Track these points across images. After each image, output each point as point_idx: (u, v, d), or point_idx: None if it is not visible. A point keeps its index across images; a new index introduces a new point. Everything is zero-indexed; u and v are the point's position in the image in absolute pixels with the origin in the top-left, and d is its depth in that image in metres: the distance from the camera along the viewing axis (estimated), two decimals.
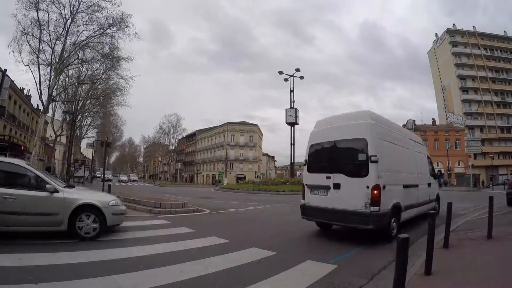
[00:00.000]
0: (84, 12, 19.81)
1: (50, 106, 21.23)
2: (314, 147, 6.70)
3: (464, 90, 56.96)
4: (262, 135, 72.79)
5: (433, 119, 58.97)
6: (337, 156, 6.11)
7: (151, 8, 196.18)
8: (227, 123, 64.65)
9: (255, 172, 57.18)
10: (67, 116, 32.67)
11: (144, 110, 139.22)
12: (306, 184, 6.72)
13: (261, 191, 25.03)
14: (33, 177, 5.43)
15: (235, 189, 29.90)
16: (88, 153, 64.02)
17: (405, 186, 6.60)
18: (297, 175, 48.37)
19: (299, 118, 32.72)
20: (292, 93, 32.34)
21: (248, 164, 62.70)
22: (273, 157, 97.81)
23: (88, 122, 42.00)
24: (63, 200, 5.36)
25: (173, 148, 78.31)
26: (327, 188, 6.05)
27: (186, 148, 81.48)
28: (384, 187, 5.51)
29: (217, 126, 67.75)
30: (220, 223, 8.47)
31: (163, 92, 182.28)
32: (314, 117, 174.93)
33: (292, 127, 32.08)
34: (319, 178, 6.26)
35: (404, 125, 53.20)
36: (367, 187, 5.42)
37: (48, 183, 5.37)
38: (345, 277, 3.76)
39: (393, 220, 5.83)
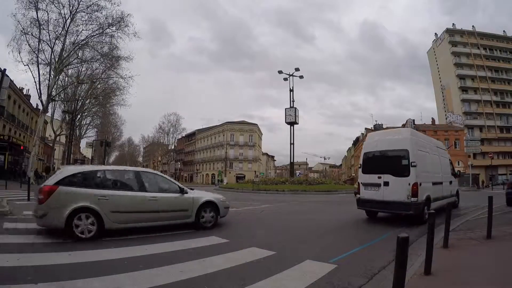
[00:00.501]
0: (84, 12, 19.82)
1: (50, 105, 21.22)
2: (367, 155, 8.63)
3: (464, 89, 56.96)
4: (262, 134, 72.82)
5: (432, 118, 58.97)
6: (386, 161, 8.10)
7: (150, 7, 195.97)
8: (226, 122, 64.63)
9: (255, 171, 57.21)
10: (67, 116, 32.67)
11: (144, 109, 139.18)
12: (361, 183, 8.63)
13: (260, 191, 25.03)
14: (168, 182, 6.84)
15: (235, 188, 29.90)
16: (87, 152, 64.04)
17: (434, 183, 8.54)
18: (297, 174, 48.33)
19: (298, 117, 32.72)
20: (291, 92, 32.35)
21: (248, 164, 62.72)
22: (272, 157, 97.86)
23: (88, 122, 42.02)
24: (192, 199, 6.83)
25: (173, 147, 78.33)
26: (378, 185, 8.01)
27: (186, 147, 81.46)
28: (420, 184, 7.47)
29: (216, 126, 67.73)
30: (219, 222, 8.45)
31: (162, 91, 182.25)
32: (314, 116, 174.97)
33: (292, 127, 32.08)
34: (372, 178, 8.23)
35: (403, 125, 53.27)
36: (409, 184, 7.41)
37: (180, 186, 6.82)
38: (345, 276, 3.76)
39: (425, 208, 7.62)
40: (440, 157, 9.69)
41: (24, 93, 33.77)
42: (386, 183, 7.79)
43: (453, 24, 60.77)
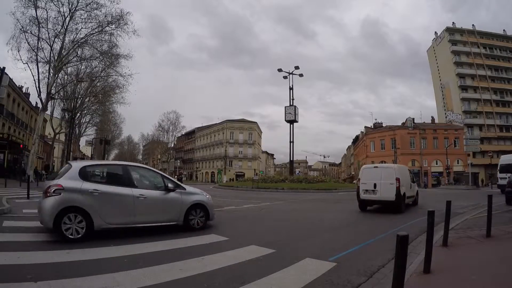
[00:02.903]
0: (83, 10, 19.78)
1: (49, 104, 21.22)
2: (502, 166, 21.51)
3: (463, 88, 56.93)
4: (261, 132, 72.83)
5: (432, 117, 58.89)
6: (510, 168, 20.24)
7: (149, 3, 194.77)
8: (226, 120, 64.61)
9: (254, 169, 57.25)
10: (66, 114, 32.61)
11: (143, 107, 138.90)
12: (499, 177, 21.84)
13: (260, 189, 25.06)
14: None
15: (234, 186, 29.92)
16: (87, 150, 63.90)
17: None
18: (296, 172, 48.33)
19: (298, 115, 32.69)
20: (291, 90, 32.31)
21: (247, 162, 62.74)
22: (272, 155, 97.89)
23: (87, 120, 41.97)
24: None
25: (172, 145, 78.26)
26: (506, 177, 17.48)
27: (185, 145, 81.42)
28: None
29: (216, 124, 67.71)
30: (219, 221, 8.46)
31: (162, 89, 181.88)
32: (315, 115, 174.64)
33: (291, 125, 32.07)
34: (504, 175, 19.94)
35: (403, 123, 53.26)
36: None
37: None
38: (344, 274, 3.76)
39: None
40: None
41: (24, 91, 33.63)
42: (509, 177, 15.64)
43: (453, 22, 60.80)
